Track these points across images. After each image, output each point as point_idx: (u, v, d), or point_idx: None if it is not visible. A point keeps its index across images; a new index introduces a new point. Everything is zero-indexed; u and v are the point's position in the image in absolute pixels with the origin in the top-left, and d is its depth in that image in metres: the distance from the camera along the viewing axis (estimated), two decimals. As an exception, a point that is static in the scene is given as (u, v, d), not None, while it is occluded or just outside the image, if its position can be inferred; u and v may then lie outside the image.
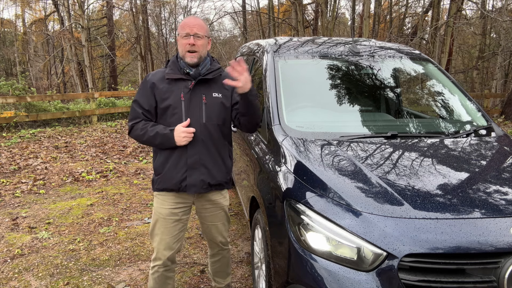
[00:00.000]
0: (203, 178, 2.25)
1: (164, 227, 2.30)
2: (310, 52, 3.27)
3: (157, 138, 2.15)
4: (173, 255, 2.36)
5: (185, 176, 2.22)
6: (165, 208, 2.30)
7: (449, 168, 2.16)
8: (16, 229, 4.04)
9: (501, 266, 1.68)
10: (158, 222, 2.32)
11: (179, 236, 2.36)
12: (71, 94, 12.85)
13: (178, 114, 2.18)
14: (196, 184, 2.24)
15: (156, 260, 2.35)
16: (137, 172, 6.14)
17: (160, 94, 2.20)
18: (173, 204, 2.30)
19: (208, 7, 60.24)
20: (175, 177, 2.22)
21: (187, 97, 2.19)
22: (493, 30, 17.34)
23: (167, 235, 2.31)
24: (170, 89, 2.20)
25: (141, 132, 2.18)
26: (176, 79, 2.21)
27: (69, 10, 18.22)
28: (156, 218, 2.32)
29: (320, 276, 1.80)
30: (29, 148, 7.42)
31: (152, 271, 2.39)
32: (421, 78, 3.53)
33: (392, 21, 17.80)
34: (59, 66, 21.67)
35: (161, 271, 2.37)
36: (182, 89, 2.20)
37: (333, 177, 2.05)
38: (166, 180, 2.24)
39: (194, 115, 2.20)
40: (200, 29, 2.15)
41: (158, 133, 2.14)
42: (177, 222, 2.32)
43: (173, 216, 2.30)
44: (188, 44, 2.14)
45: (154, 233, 2.35)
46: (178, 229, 2.34)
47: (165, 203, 2.30)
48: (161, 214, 2.31)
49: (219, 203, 2.41)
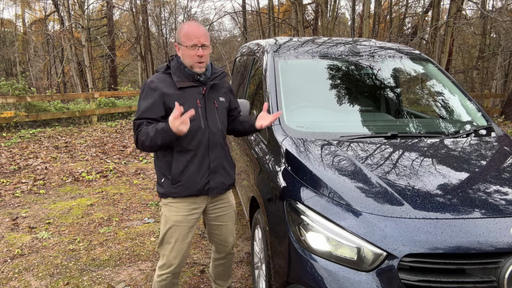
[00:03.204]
0: (223, 180, 2.30)
1: (178, 234, 2.26)
2: (310, 52, 3.27)
3: (158, 136, 2.03)
4: (183, 262, 2.34)
5: (208, 180, 2.23)
6: (179, 215, 2.25)
7: (449, 168, 2.16)
8: (16, 229, 4.04)
9: (501, 266, 1.68)
10: (172, 229, 2.26)
11: (190, 243, 2.33)
12: (71, 94, 12.85)
13: (197, 121, 2.15)
14: (218, 186, 2.28)
15: (165, 267, 2.30)
16: (137, 172, 6.14)
17: (172, 101, 2.07)
18: (188, 211, 2.26)
19: (208, 7, 60.27)
20: (199, 182, 2.20)
21: (202, 102, 2.20)
22: (493, 30, 17.34)
23: (181, 242, 2.27)
24: (183, 95, 2.14)
25: (143, 137, 2.06)
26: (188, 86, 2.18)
27: (69, 10, 18.22)
28: (170, 225, 2.25)
29: (320, 276, 1.80)
30: (29, 148, 7.42)
31: (159, 279, 2.34)
32: (421, 78, 3.53)
33: (392, 21, 17.80)
34: (59, 66, 21.66)
35: (169, 279, 2.33)
36: (196, 95, 2.18)
37: (333, 177, 2.05)
38: (188, 187, 2.20)
39: (212, 120, 2.21)
40: (206, 38, 2.13)
41: (157, 130, 2.02)
42: (191, 229, 2.30)
43: (188, 223, 2.27)
44: (197, 55, 2.11)
45: (165, 241, 2.28)
46: (191, 237, 2.32)
47: (180, 210, 2.24)
48: (174, 221, 2.25)
49: (229, 200, 2.45)
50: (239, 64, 4.79)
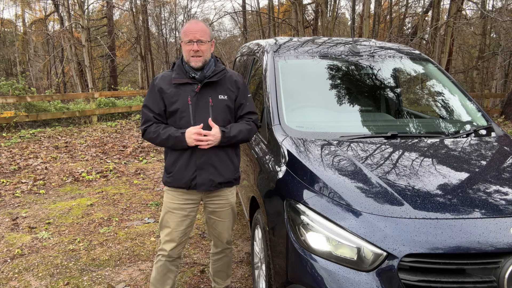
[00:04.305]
0: (212, 178, 2.33)
1: (172, 220, 2.39)
2: (310, 52, 3.27)
3: (169, 140, 2.23)
4: (177, 248, 2.43)
5: (194, 176, 2.30)
6: (174, 203, 2.39)
7: (449, 168, 2.16)
8: (16, 229, 4.04)
9: (501, 266, 1.68)
10: (167, 215, 2.40)
11: (185, 231, 2.43)
12: (71, 94, 12.85)
13: (186, 118, 2.26)
14: (205, 183, 2.32)
15: (161, 250, 2.44)
16: (137, 172, 6.14)
17: (168, 98, 2.27)
18: (182, 200, 2.38)
19: (208, 7, 60.21)
20: (186, 176, 2.30)
21: (194, 100, 2.26)
22: (493, 30, 17.34)
23: (175, 228, 2.39)
24: (177, 93, 2.26)
25: (153, 135, 2.26)
26: (183, 83, 2.27)
27: (69, 10, 18.21)
28: (166, 211, 2.41)
29: (320, 276, 1.80)
30: (29, 148, 7.42)
31: (156, 260, 2.47)
32: (421, 78, 3.53)
33: (392, 21, 17.79)
34: (59, 66, 21.67)
35: (163, 260, 2.44)
36: (189, 92, 2.27)
37: (333, 177, 2.05)
38: (177, 179, 2.32)
39: (202, 117, 2.26)
40: (202, 34, 2.20)
41: (170, 135, 2.22)
42: (185, 217, 2.40)
43: (182, 211, 2.39)
44: (192, 50, 2.20)
45: (162, 225, 2.44)
46: (186, 225, 2.42)
47: (175, 199, 2.38)
48: (170, 208, 2.39)
49: (227, 198, 2.47)
50: (239, 64, 4.79)
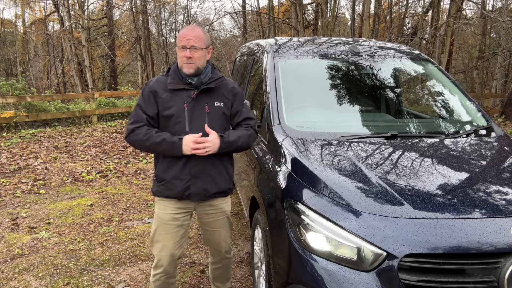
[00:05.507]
0: (207, 187, 2.24)
1: (166, 232, 2.27)
2: (310, 52, 3.27)
3: (162, 145, 2.11)
4: (174, 262, 2.33)
5: (188, 185, 2.21)
6: (166, 214, 2.27)
7: (449, 168, 2.16)
8: (16, 229, 4.04)
9: (501, 266, 1.68)
10: (160, 227, 2.29)
11: (180, 242, 2.32)
12: (71, 94, 12.85)
13: (181, 124, 2.17)
14: (200, 193, 2.24)
15: (158, 267, 2.32)
16: (137, 172, 6.14)
17: (162, 102, 2.18)
18: (174, 210, 2.27)
19: (208, 7, 60.17)
20: (179, 185, 2.20)
21: (190, 106, 2.18)
22: (493, 30, 17.34)
23: (169, 241, 2.28)
24: (172, 98, 2.18)
25: (144, 137, 2.13)
26: (179, 88, 2.20)
27: (69, 10, 18.21)
28: (158, 224, 2.29)
29: (320, 276, 1.80)
30: (29, 148, 7.42)
31: (153, 279, 2.36)
32: (421, 78, 3.53)
33: (392, 21, 17.79)
34: (59, 66, 21.65)
35: (163, 279, 2.34)
36: (185, 98, 2.18)
37: (333, 177, 2.05)
38: (169, 189, 2.22)
39: (197, 124, 2.18)
40: (197, 41, 2.12)
41: (165, 140, 2.11)
42: (179, 227, 2.30)
43: (175, 222, 2.27)
44: (185, 56, 2.13)
45: (155, 239, 2.31)
46: (180, 235, 2.31)
47: (167, 209, 2.27)
48: (162, 219, 2.28)
49: (221, 207, 2.38)
50: (239, 64, 4.79)
